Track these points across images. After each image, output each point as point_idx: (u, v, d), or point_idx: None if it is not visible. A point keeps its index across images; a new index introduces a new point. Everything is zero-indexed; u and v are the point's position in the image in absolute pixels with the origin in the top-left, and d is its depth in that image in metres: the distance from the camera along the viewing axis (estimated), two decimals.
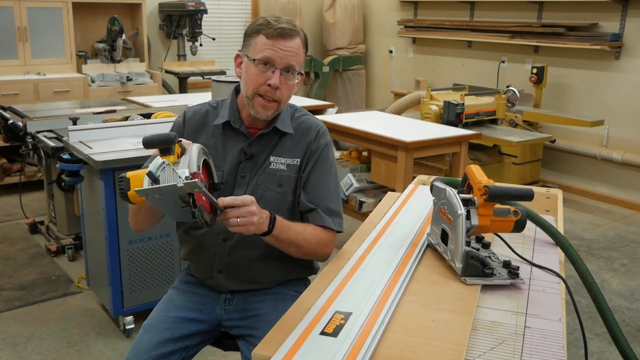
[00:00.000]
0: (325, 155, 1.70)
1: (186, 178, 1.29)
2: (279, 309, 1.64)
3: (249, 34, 1.62)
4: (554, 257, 1.54)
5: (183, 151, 1.40)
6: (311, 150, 1.69)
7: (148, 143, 1.38)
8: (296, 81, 1.63)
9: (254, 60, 1.57)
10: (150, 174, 1.29)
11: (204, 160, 1.44)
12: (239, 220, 1.40)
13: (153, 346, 1.62)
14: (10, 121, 3.39)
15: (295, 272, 1.78)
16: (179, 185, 1.26)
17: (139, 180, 1.33)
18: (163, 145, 1.37)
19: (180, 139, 1.44)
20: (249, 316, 1.70)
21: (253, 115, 1.63)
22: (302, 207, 1.69)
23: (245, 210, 1.40)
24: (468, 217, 1.38)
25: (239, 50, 1.67)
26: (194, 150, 1.38)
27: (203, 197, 1.34)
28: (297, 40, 1.59)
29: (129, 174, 1.37)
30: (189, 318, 1.70)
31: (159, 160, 1.34)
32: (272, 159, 1.67)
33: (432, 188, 1.53)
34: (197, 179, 1.28)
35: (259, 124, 1.69)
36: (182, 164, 1.34)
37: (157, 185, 1.28)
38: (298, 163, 1.68)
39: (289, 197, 1.68)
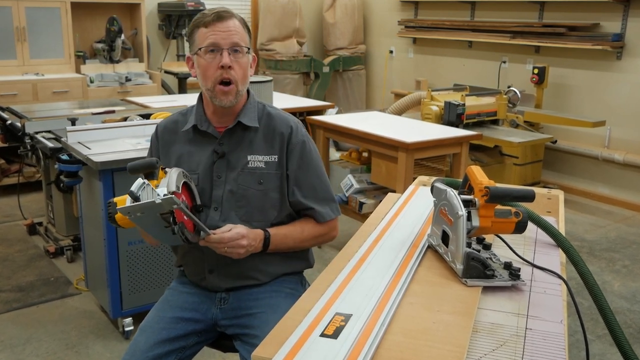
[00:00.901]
0: (307, 150, 1.73)
1: (164, 196, 1.37)
2: (274, 307, 1.65)
3: (190, 34, 1.67)
4: (555, 259, 1.52)
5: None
6: (290, 146, 1.70)
7: (132, 169, 1.49)
8: (249, 61, 1.66)
9: (201, 49, 1.61)
10: (131, 193, 1.40)
11: (185, 182, 1.55)
12: (226, 249, 1.55)
13: (149, 347, 1.63)
14: (9, 122, 3.38)
15: (289, 266, 1.78)
16: (157, 201, 1.36)
17: (123, 202, 1.44)
18: (146, 170, 1.48)
19: (163, 166, 1.54)
20: (244, 315, 1.70)
21: (218, 105, 1.65)
22: (299, 206, 1.74)
23: (235, 243, 1.54)
24: (469, 218, 1.37)
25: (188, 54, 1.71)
26: (173, 172, 1.49)
27: (184, 217, 1.45)
28: (235, 20, 1.64)
29: (115, 198, 1.50)
30: (185, 318, 1.70)
31: (140, 181, 1.44)
32: (249, 157, 1.69)
33: (433, 189, 1.52)
34: (173, 196, 1.38)
35: (226, 122, 1.70)
36: (161, 185, 1.44)
37: (137, 203, 1.38)
38: (276, 160, 1.69)
39: (271, 194, 1.69)
